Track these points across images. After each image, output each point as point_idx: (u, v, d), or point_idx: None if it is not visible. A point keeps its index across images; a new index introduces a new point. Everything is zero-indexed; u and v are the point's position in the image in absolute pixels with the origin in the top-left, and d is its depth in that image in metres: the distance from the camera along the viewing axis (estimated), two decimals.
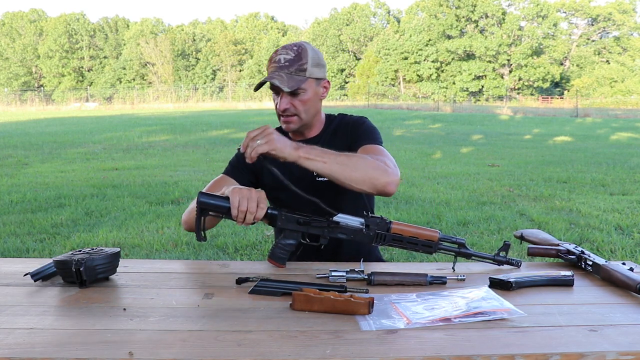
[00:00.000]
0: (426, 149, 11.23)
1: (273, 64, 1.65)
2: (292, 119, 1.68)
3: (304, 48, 1.66)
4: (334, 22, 60.66)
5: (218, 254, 3.92)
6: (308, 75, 1.65)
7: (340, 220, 1.48)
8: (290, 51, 1.65)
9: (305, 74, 1.64)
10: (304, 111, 1.68)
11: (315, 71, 1.66)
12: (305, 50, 1.65)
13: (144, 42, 60.48)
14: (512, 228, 4.59)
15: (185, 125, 18.06)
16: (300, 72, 1.64)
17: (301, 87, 1.64)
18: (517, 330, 1.07)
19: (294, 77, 1.63)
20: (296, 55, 1.64)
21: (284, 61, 1.64)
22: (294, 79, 1.63)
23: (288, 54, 1.64)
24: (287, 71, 1.63)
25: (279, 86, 1.60)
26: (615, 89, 46.72)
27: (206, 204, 1.47)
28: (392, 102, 47.99)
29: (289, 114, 1.67)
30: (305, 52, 1.65)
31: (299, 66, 1.64)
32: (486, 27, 52.63)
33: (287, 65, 1.63)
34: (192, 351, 0.97)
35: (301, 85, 1.63)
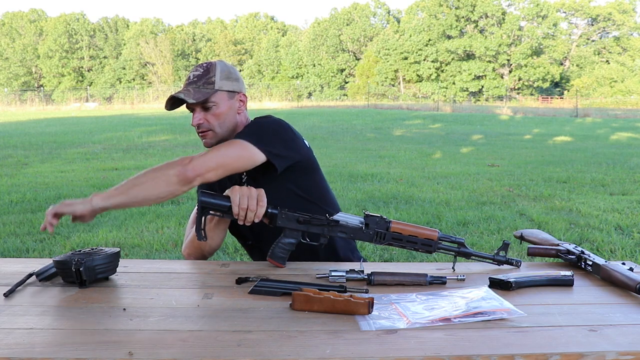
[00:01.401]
0: (426, 149, 11.23)
1: (185, 82, 1.67)
2: (207, 133, 1.67)
3: (213, 64, 1.67)
4: (334, 22, 60.63)
5: (218, 254, 3.92)
6: (217, 87, 1.64)
7: (340, 219, 1.48)
8: (200, 68, 1.67)
9: (213, 86, 1.64)
10: (218, 125, 1.66)
11: (225, 84, 1.66)
12: (214, 65, 1.67)
13: (144, 42, 60.47)
14: (512, 228, 4.59)
15: (185, 125, 18.04)
16: (208, 85, 1.64)
17: (211, 100, 1.63)
18: (517, 330, 1.07)
19: (202, 90, 1.63)
20: (204, 71, 1.66)
21: (193, 77, 1.66)
22: (200, 92, 1.63)
23: (197, 71, 1.67)
24: (194, 86, 1.64)
25: (183, 98, 1.61)
26: (615, 89, 46.71)
27: (207, 202, 1.47)
28: (392, 102, 47.97)
29: (203, 129, 1.67)
30: (214, 67, 1.66)
31: (207, 79, 1.65)
32: (486, 27, 52.62)
33: (195, 80, 1.65)
34: (192, 351, 0.97)
35: (210, 98, 1.63)
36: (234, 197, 1.46)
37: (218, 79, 1.65)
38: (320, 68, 58.79)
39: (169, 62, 60.74)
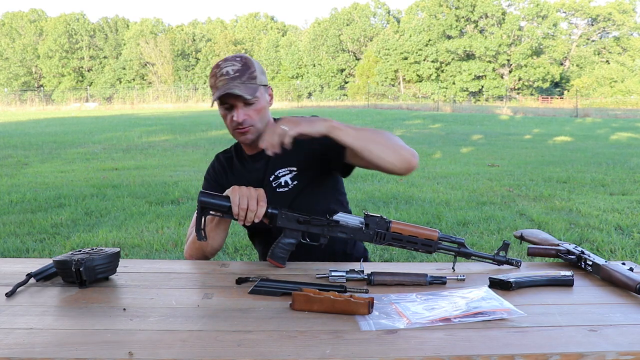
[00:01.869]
0: (426, 149, 11.23)
1: (221, 78, 1.59)
2: (249, 129, 1.64)
3: (248, 58, 1.63)
4: (334, 22, 60.64)
5: (218, 254, 3.91)
6: (258, 82, 1.62)
7: (340, 219, 1.48)
8: (235, 62, 1.61)
9: (256, 81, 1.61)
10: (259, 120, 1.64)
11: (262, 78, 1.64)
12: (250, 59, 1.63)
13: (144, 42, 60.47)
14: (512, 228, 4.59)
15: (185, 125, 18.06)
16: (252, 80, 1.60)
17: (255, 96, 1.60)
18: (516, 330, 1.07)
19: (248, 85, 1.58)
20: (243, 65, 1.60)
21: (234, 72, 1.59)
22: (248, 88, 1.58)
23: (234, 65, 1.60)
24: (239, 81, 1.58)
25: (242, 95, 1.56)
26: (615, 89, 46.72)
27: (207, 203, 1.47)
28: (392, 102, 47.98)
29: (246, 125, 1.63)
30: (251, 61, 1.63)
31: (249, 74, 1.60)
32: (486, 27, 52.63)
33: (238, 75, 1.59)
34: (192, 351, 0.97)
35: (255, 94, 1.60)
36: (233, 197, 1.46)
37: (258, 73, 1.62)
38: (320, 68, 58.81)
39: (169, 62, 60.75)
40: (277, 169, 1.69)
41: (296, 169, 1.69)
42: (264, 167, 1.71)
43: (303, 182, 1.68)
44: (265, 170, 1.71)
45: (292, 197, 1.66)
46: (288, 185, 1.68)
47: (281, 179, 1.69)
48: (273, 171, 1.70)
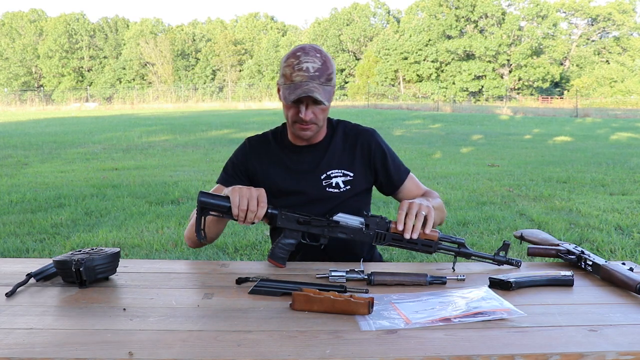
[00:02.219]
0: (426, 149, 11.23)
1: (300, 72, 1.54)
2: (312, 127, 1.64)
3: (325, 54, 1.60)
4: (334, 22, 60.67)
5: (218, 254, 3.92)
6: (333, 84, 1.62)
7: (340, 219, 1.48)
8: (315, 58, 1.56)
9: (331, 83, 1.60)
10: (323, 119, 1.66)
11: (335, 80, 1.63)
12: (327, 57, 1.60)
13: (144, 42, 60.48)
14: (512, 228, 4.59)
15: (185, 125, 18.06)
16: (329, 82, 1.58)
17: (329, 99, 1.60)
18: (516, 330, 1.07)
19: (326, 87, 1.57)
20: (323, 64, 1.57)
21: (314, 70, 1.55)
22: (326, 91, 1.57)
23: (315, 62, 1.56)
24: (318, 82, 1.55)
25: (320, 99, 1.54)
26: (615, 89, 46.71)
27: (206, 203, 1.47)
28: (392, 102, 47.97)
29: (311, 123, 1.62)
30: (329, 60, 1.60)
31: (328, 76, 1.57)
32: (486, 27, 52.62)
33: (318, 75, 1.55)
34: (192, 351, 0.97)
35: (330, 98, 1.60)
36: (233, 198, 1.46)
37: (334, 75, 1.62)
38: None
39: (169, 62, 60.76)
40: (331, 169, 1.72)
41: (352, 176, 1.72)
42: (316, 161, 1.72)
43: (355, 190, 1.72)
44: (317, 166, 1.72)
45: (342, 199, 1.70)
46: (340, 187, 1.70)
47: (333, 179, 1.71)
48: (326, 169, 1.72)
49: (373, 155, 1.74)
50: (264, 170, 1.74)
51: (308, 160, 1.72)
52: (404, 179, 1.79)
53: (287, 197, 1.70)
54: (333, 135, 1.75)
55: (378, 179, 1.78)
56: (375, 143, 1.76)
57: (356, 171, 1.73)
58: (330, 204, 1.66)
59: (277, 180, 1.72)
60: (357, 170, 1.73)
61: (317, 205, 1.65)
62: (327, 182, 1.70)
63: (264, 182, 1.73)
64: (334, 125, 1.78)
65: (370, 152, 1.74)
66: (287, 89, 1.57)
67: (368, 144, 1.75)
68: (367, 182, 1.76)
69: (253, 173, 1.76)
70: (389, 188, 1.80)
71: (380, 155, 1.75)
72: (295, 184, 1.71)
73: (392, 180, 1.77)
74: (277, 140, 1.77)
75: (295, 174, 1.71)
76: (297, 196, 1.70)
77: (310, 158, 1.72)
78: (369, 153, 1.74)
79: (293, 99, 1.55)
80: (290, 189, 1.71)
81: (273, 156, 1.75)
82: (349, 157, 1.73)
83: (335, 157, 1.72)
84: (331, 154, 1.72)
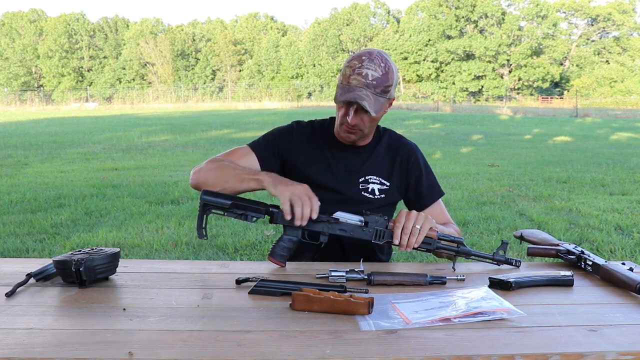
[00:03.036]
0: (426, 149, 11.23)
1: (358, 77, 1.53)
2: (357, 132, 1.63)
3: (389, 66, 1.56)
4: (334, 22, 60.62)
5: (218, 254, 3.92)
6: (389, 97, 1.59)
7: (340, 217, 1.49)
8: (378, 67, 1.54)
9: (387, 95, 1.58)
10: (369, 127, 1.65)
11: (393, 92, 1.60)
12: (391, 68, 1.57)
13: (144, 42, 60.46)
14: (512, 228, 4.59)
15: (185, 125, 18.06)
16: (384, 94, 1.57)
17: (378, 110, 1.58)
18: (516, 330, 1.07)
19: (379, 98, 1.56)
20: (384, 74, 1.54)
21: (372, 78, 1.53)
22: (378, 102, 1.56)
23: (376, 70, 1.53)
24: (373, 91, 1.53)
25: (367, 109, 1.52)
26: (615, 89, 46.71)
27: (209, 200, 1.48)
28: None
29: (356, 129, 1.62)
30: (392, 72, 1.57)
31: (385, 87, 1.55)
32: (486, 27, 52.62)
33: (374, 84, 1.53)
34: (192, 351, 0.97)
35: (380, 109, 1.58)
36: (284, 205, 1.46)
37: (393, 88, 1.58)
38: (320, 68, 58.77)
39: (169, 62, 60.73)
40: (370, 174, 1.72)
41: (388, 186, 1.73)
42: (358, 164, 1.72)
43: (388, 199, 1.73)
44: (358, 168, 1.72)
45: (374, 206, 1.69)
46: (375, 194, 1.71)
47: (370, 185, 1.71)
48: (366, 174, 1.72)
49: (410, 169, 1.75)
50: (306, 159, 1.72)
51: (350, 160, 1.73)
52: (434, 200, 1.78)
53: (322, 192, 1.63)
54: (378, 142, 1.76)
55: (408, 194, 1.78)
56: (415, 158, 1.76)
57: (393, 182, 1.74)
58: (361, 208, 1.61)
59: (316, 173, 1.71)
60: (393, 182, 1.74)
61: (349, 206, 1.60)
62: (364, 187, 1.71)
63: (302, 171, 1.71)
64: (381, 133, 1.78)
65: (409, 166, 1.75)
66: (341, 89, 1.57)
67: (408, 158, 1.75)
68: (400, 194, 1.77)
69: (293, 159, 1.73)
70: (415, 205, 1.75)
71: (417, 171, 1.76)
72: (333, 181, 1.71)
73: (421, 198, 1.77)
74: (323, 132, 1.76)
75: (336, 171, 1.72)
76: (331, 193, 1.68)
77: (354, 159, 1.73)
78: (407, 167, 1.75)
79: (341, 100, 1.56)
80: (327, 185, 1.69)
81: (316, 148, 1.74)
82: (389, 167, 1.74)
83: (377, 164, 1.73)
84: (373, 160, 1.73)
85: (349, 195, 1.69)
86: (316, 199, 1.48)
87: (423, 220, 1.47)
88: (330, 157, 1.73)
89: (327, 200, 1.58)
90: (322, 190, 1.66)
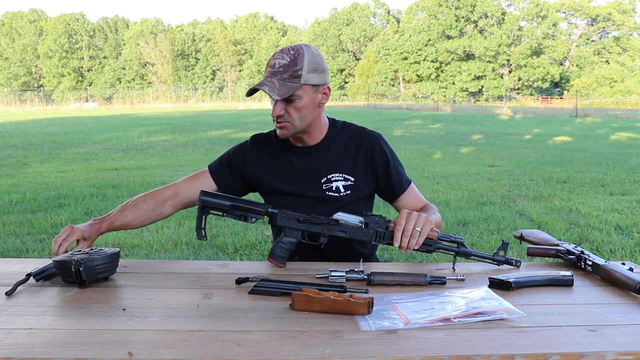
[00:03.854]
0: (426, 149, 11.23)
1: (268, 68, 1.58)
2: (285, 125, 1.61)
3: (300, 53, 1.57)
4: (334, 22, 60.66)
5: (218, 254, 3.92)
6: (303, 81, 1.56)
7: (340, 218, 1.48)
8: (287, 55, 1.56)
9: (299, 80, 1.56)
10: (298, 118, 1.61)
11: (311, 77, 1.57)
12: (302, 55, 1.56)
13: (144, 42, 60.47)
14: (512, 228, 4.59)
15: (185, 126, 18.06)
16: (294, 79, 1.55)
17: (295, 94, 1.56)
18: (516, 330, 1.07)
19: (287, 83, 1.55)
20: (291, 61, 1.55)
21: (278, 66, 1.56)
22: (286, 86, 1.55)
23: (284, 59, 1.56)
24: (279, 77, 1.55)
25: (269, 94, 1.54)
26: (615, 89, 46.71)
27: (208, 202, 1.48)
28: (392, 102, 47.98)
29: (282, 120, 1.61)
30: (302, 57, 1.56)
31: (293, 72, 1.55)
32: (486, 27, 52.63)
33: (281, 70, 1.55)
34: (192, 351, 0.97)
35: (294, 92, 1.55)
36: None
37: (305, 72, 1.56)
38: None
39: (169, 62, 60.75)
40: (332, 172, 1.70)
41: (353, 181, 1.70)
42: (316, 164, 1.70)
43: (356, 195, 1.70)
44: (318, 168, 1.70)
45: (342, 204, 1.67)
46: (340, 191, 1.68)
47: (333, 183, 1.69)
48: (327, 173, 1.70)
49: (376, 160, 1.71)
50: (263, 171, 1.73)
51: (308, 162, 1.70)
52: (405, 188, 1.75)
53: (289, 198, 1.69)
54: (335, 137, 1.72)
55: (379, 185, 1.74)
56: (380, 148, 1.72)
57: (358, 176, 1.70)
58: (329, 207, 1.63)
59: (277, 181, 1.71)
60: (358, 175, 1.70)
61: (317, 208, 1.61)
62: (327, 186, 1.68)
63: (264, 182, 1.73)
64: (338, 128, 1.75)
65: (374, 157, 1.71)
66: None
67: (372, 149, 1.71)
68: (369, 187, 1.73)
69: (251, 173, 1.75)
70: (388, 195, 1.76)
71: (383, 161, 1.71)
72: (294, 186, 1.70)
73: (392, 187, 1.74)
74: (279, 140, 1.75)
75: (295, 176, 1.70)
76: (295, 198, 1.68)
77: (310, 160, 1.70)
78: (372, 158, 1.71)
79: (247, 91, 1.63)
80: (291, 191, 1.69)
81: (273, 157, 1.74)
82: (351, 161, 1.70)
83: (337, 161, 1.70)
84: (332, 157, 1.70)
85: (315, 197, 1.68)
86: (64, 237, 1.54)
87: (424, 222, 1.46)
88: (286, 163, 1.72)
89: (297, 205, 1.57)
90: (289, 197, 1.68)
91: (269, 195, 1.74)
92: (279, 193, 1.70)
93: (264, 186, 1.72)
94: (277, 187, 1.71)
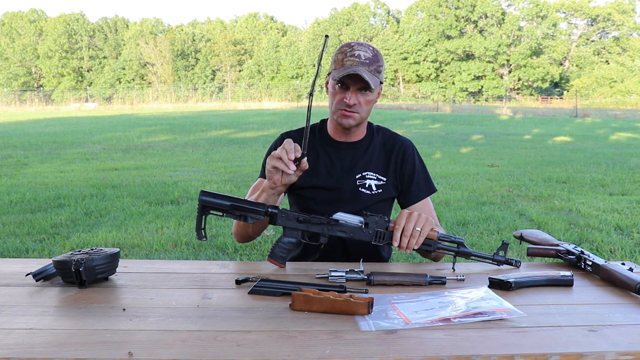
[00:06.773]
0: (426, 149, 11.23)
1: (351, 58, 1.61)
2: (354, 115, 1.67)
3: (377, 51, 1.66)
4: (334, 22, 60.63)
5: (217, 254, 3.92)
6: (381, 78, 1.66)
7: (340, 218, 1.48)
8: (368, 49, 1.63)
9: (380, 76, 1.65)
10: (366, 111, 1.69)
11: (383, 76, 1.68)
12: (379, 53, 1.67)
13: (144, 43, 60.44)
14: (512, 228, 4.59)
15: (185, 126, 18.06)
16: (377, 74, 1.64)
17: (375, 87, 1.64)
18: (516, 331, 1.07)
19: (374, 77, 1.62)
20: (374, 56, 1.63)
21: (364, 58, 1.61)
22: (374, 79, 1.62)
23: (367, 52, 1.62)
24: (367, 68, 1.61)
25: (368, 81, 1.58)
26: (614, 89, 46.72)
27: (208, 202, 1.47)
28: (392, 102, 47.97)
29: (354, 110, 1.66)
30: (380, 55, 1.66)
31: (377, 67, 1.63)
32: (485, 28, 52.64)
33: (368, 62, 1.61)
34: (192, 351, 0.97)
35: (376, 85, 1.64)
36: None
37: (383, 69, 1.66)
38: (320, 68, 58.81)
39: (169, 62, 60.72)
40: (367, 170, 1.75)
41: (385, 181, 1.75)
42: (354, 160, 1.75)
43: (385, 195, 1.75)
44: (355, 165, 1.75)
45: (372, 202, 1.72)
46: (372, 189, 1.73)
47: (367, 181, 1.74)
48: (363, 170, 1.74)
49: (405, 165, 1.78)
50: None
51: (346, 157, 1.76)
52: (421, 198, 1.79)
53: (321, 192, 1.72)
54: (372, 138, 1.79)
55: (402, 189, 1.80)
56: (410, 155, 1.79)
57: (389, 178, 1.76)
58: (360, 204, 1.68)
59: (313, 174, 1.73)
60: (389, 177, 1.76)
61: (348, 203, 1.67)
62: (361, 182, 1.73)
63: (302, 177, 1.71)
64: (374, 130, 1.82)
65: (403, 162, 1.78)
66: (337, 72, 1.63)
67: (403, 154, 1.78)
68: (396, 190, 1.79)
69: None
70: (402, 200, 1.80)
71: (410, 168, 1.78)
72: (331, 180, 1.74)
73: (408, 193, 1.78)
74: (315, 134, 1.80)
75: (332, 169, 1.74)
76: (330, 192, 1.72)
77: (348, 156, 1.76)
78: (402, 162, 1.78)
79: (341, 75, 1.60)
80: (326, 185, 1.73)
81: (312, 149, 1.76)
82: (385, 162, 1.77)
83: (373, 160, 1.76)
84: (369, 156, 1.76)
85: (347, 192, 1.72)
86: (283, 149, 1.47)
87: (424, 222, 1.47)
88: (325, 157, 1.76)
89: (326, 200, 1.61)
90: (321, 191, 1.72)
91: (301, 190, 1.75)
92: (314, 187, 1.73)
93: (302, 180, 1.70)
94: (314, 181, 1.73)
